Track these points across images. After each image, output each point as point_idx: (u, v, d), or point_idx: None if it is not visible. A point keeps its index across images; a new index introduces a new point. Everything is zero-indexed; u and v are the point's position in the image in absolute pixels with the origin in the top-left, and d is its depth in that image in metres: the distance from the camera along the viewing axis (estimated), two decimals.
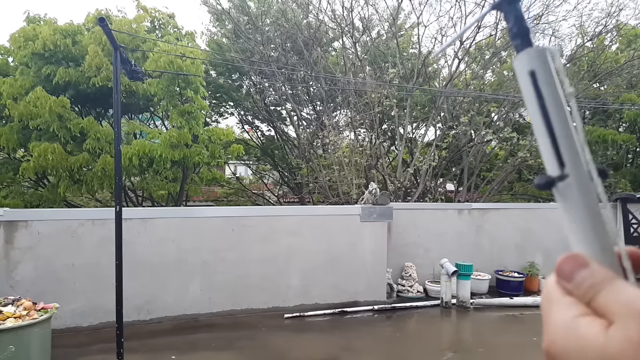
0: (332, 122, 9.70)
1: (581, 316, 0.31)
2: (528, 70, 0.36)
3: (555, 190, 0.35)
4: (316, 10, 10.29)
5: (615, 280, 0.31)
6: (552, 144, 0.34)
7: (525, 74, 0.36)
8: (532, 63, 0.36)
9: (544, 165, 0.35)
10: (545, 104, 0.35)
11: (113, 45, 3.48)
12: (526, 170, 9.78)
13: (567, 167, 0.34)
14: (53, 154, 6.70)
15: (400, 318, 5.87)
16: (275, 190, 14.49)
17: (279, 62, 10.31)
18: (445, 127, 9.38)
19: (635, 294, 0.30)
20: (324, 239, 6.10)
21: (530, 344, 4.86)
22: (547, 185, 0.34)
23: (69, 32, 7.56)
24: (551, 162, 0.34)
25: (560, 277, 0.34)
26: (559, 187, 0.34)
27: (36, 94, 6.67)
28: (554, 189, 0.35)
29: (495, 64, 10.20)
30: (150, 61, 7.22)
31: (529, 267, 7.27)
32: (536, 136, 0.36)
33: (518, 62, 0.37)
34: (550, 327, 0.33)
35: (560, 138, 0.34)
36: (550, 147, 0.34)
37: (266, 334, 5.07)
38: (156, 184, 8.60)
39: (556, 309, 0.33)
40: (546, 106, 0.35)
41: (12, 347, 3.01)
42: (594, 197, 0.34)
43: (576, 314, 0.31)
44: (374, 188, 6.42)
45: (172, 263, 5.40)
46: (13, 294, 3.99)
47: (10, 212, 4.92)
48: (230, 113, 12.94)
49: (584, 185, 0.34)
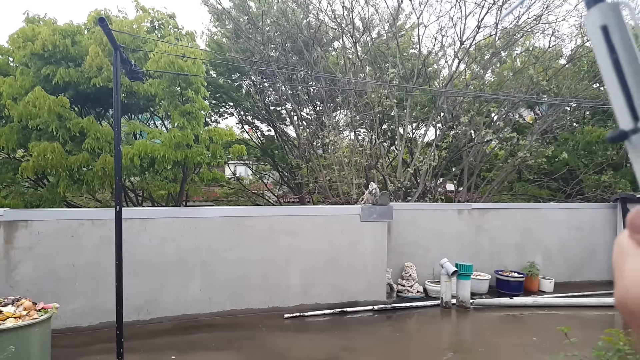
0: (332, 122, 9.69)
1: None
2: (600, 25, 0.35)
3: (627, 143, 0.35)
4: (316, 10, 10.30)
5: None
6: (626, 98, 0.34)
7: (597, 29, 0.36)
8: (604, 18, 0.35)
9: (544, 165, 0.35)
10: (619, 58, 0.34)
11: (113, 46, 3.48)
12: (526, 170, 9.78)
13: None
14: (52, 154, 6.70)
15: (400, 318, 5.87)
16: (275, 190, 14.49)
17: (279, 62, 10.31)
18: (445, 127, 9.38)
19: None
20: (324, 239, 6.10)
21: (530, 344, 4.86)
22: (621, 137, 0.34)
23: (69, 32, 7.55)
24: (624, 116, 0.34)
25: (633, 231, 0.34)
26: (632, 139, 0.34)
27: (35, 94, 6.67)
28: (626, 142, 0.35)
29: (495, 64, 10.20)
30: (151, 61, 7.22)
31: (529, 267, 7.28)
32: (609, 91, 0.35)
33: (590, 17, 0.36)
34: (624, 276, 0.33)
35: (634, 92, 0.34)
36: (623, 101, 0.34)
37: (266, 334, 5.07)
38: (156, 184, 8.60)
39: (630, 260, 0.33)
40: (620, 60, 0.34)
41: (12, 347, 3.01)
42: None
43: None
44: (374, 188, 6.42)
45: (172, 263, 5.41)
46: (13, 294, 3.99)
47: (10, 212, 4.92)
48: (230, 113, 12.94)
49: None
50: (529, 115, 11.88)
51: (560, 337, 2.81)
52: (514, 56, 10.08)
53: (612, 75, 0.35)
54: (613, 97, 0.35)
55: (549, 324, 5.59)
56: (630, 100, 0.34)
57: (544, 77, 8.95)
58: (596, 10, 0.36)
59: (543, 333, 5.14)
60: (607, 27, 0.35)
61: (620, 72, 0.34)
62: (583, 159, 10.25)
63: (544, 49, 9.52)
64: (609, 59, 0.35)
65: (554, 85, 9.22)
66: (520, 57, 10.06)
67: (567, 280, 7.69)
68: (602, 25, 0.35)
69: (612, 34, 0.35)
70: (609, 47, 0.35)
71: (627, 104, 0.34)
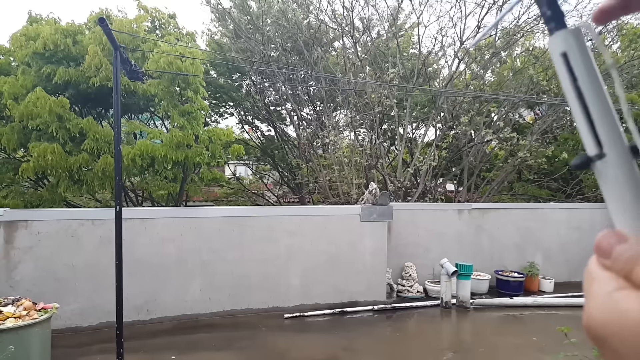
0: (332, 122, 9.69)
1: (619, 290, 0.31)
2: (560, 52, 0.36)
3: (593, 169, 0.35)
4: (317, 10, 10.30)
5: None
6: (589, 125, 0.34)
7: (558, 56, 0.36)
8: (564, 45, 0.36)
9: (544, 165, 0.36)
10: (579, 84, 0.35)
11: (113, 45, 3.48)
12: (526, 170, 9.78)
13: (604, 146, 0.34)
14: (53, 154, 6.70)
15: (400, 318, 5.87)
16: (275, 190, 14.48)
17: (279, 62, 10.31)
18: (445, 127, 9.38)
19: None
20: (324, 239, 6.10)
21: (530, 344, 4.86)
22: (584, 164, 0.34)
23: (70, 31, 7.56)
24: (589, 142, 0.35)
25: (599, 254, 0.34)
26: (596, 165, 0.34)
27: (36, 94, 6.68)
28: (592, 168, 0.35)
29: (495, 64, 10.20)
30: (150, 61, 7.22)
31: (529, 267, 7.28)
32: (574, 117, 0.36)
33: (551, 44, 0.37)
34: (590, 302, 0.33)
35: (596, 118, 0.34)
36: (586, 127, 0.34)
37: (266, 334, 5.07)
38: (156, 184, 8.60)
39: (595, 285, 0.33)
40: (580, 87, 0.35)
41: (12, 347, 3.01)
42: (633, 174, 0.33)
43: (614, 288, 0.31)
44: (374, 188, 6.42)
45: (172, 263, 5.40)
46: (13, 294, 3.99)
47: (10, 212, 4.92)
48: (230, 113, 12.94)
49: (622, 162, 0.33)
50: (529, 115, 11.88)
51: (560, 337, 2.81)
52: (514, 56, 10.07)
53: (575, 102, 0.35)
54: (578, 123, 0.35)
55: (549, 324, 5.59)
56: (593, 126, 0.34)
57: (544, 77, 8.94)
58: (557, 37, 0.36)
59: (543, 333, 5.14)
60: (566, 54, 0.35)
61: (582, 99, 0.35)
62: None
63: (544, 49, 9.52)
64: (571, 85, 0.35)
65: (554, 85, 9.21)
66: (520, 57, 10.06)
67: (567, 280, 7.68)
68: (562, 52, 0.36)
69: (573, 61, 0.35)
70: (569, 73, 0.35)
71: (590, 130, 0.34)
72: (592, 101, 0.34)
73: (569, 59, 0.35)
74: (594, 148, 0.34)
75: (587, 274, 0.35)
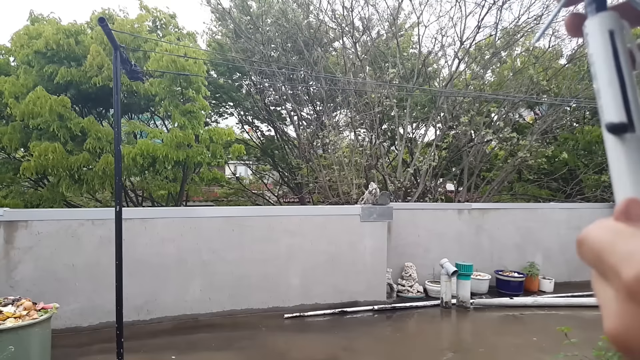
0: (332, 122, 9.69)
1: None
2: (608, 29, 0.38)
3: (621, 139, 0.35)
4: (317, 10, 10.30)
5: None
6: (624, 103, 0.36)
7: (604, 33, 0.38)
8: (612, 24, 0.38)
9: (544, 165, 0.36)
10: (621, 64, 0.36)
11: (113, 46, 3.48)
12: (526, 170, 9.78)
13: (635, 124, 0.35)
14: (54, 154, 6.70)
15: (400, 318, 5.87)
16: (275, 190, 14.48)
17: (279, 62, 10.31)
18: (445, 127, 9.38)
19: None
20: (324, 239, 6.10)
21: (530, 344, 4.86)
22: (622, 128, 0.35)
23: (72, 31, 7.56)
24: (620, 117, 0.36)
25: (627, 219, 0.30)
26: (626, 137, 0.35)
27: (37, 94, 6.68)
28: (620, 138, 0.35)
29: (495, 64, 10.20)
30: (152, 61, 7.22)
31: (529, 267, 7.28)
32: (602, 94, 0.37)
33: (596, 22, 0.38)
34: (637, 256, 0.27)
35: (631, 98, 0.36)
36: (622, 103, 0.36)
37: (266, 334, 5.07)
38: (156, 184, 8.60)
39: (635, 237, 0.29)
40: (621, 66, 0.36)
41: (12, 347, 3.01)
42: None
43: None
44: (374, 188, 6.42)
45: (172, 263, 5.41)
46: (13, 294, 3.99)
47: (10, 212, 4.92)
48: (230, 113, 12.94)
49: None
50: (529, 115, 11.88)
51: (560, 337, 2.81)
52: (514, 56, 10.07)
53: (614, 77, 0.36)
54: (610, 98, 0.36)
55: (549, 324, 5.59)
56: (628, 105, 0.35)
57: (544, 77, 8.95)
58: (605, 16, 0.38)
59: (543, 333, 5.14)
60: (614, 32, 0.37)
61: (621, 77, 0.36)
62: (583, 159, 10.24)
63: (544, 49, 9.52)
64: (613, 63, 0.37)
65: (554, 85, 9.22)
66: (520, 57, 10.06)
67: (567, 280, 7.69)
68: (610, 29, 0.38)
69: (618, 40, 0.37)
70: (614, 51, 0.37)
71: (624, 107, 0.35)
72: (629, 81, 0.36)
73: (615, 37, 0.37)
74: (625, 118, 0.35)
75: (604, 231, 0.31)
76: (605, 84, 0.37)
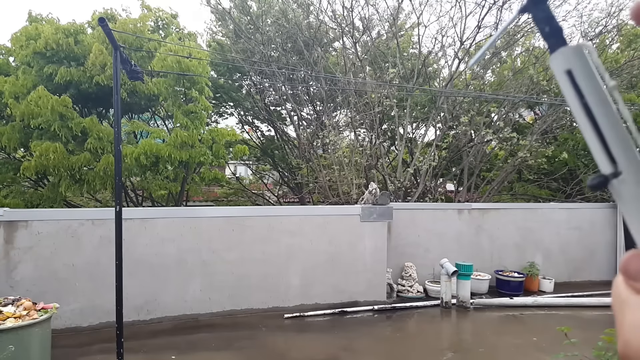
0: (332, 122, 9.69)
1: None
2: (564, 69, 0.35)
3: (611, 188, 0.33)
4: (317, 11, 10.30)
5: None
6: (601, 142, 0.33)
7: (562, 74, 0.35)
8: (568, 62, 0.35)
9: (544, 165, 0.35)
10: (587, 101, 0.34)
11: (113, 45, 3.49)
12: (526, 170, 9.77)
13: (619, 163, 0.32)
14: (55, 154, 6.70)
15: (400, 318, 5.87)
16: (275, 190, 14.48)
17: (279, 62, 10.31)
18: (445, 127, 9.38)
19: None
20: (324, 239, 6.10)
21: (530, 344, 4.86)
22: (601, 184, 0.33)
23: (71, 31, 7.56)
24: (602, 160, 0.33)
25: (628, 277, 0.32)
26: (613, 184, 0.33)
27: (38, 93, 6.68)
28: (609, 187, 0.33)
29: (495, 64, 10.20)
30: (156, 60, 7.22)
31: (528, 267, 7.27)
32: (584, 135, 0.35)
33: (554, 61, 0.36)
34: (624, 328, 0.31)
35: (607, 134, 0.33)
36: (598, 145, 0.33)
37: (266, 334, 5.07)
38: (156, 184, 8.59)
39: (628, 310, 0.31)
40: (588, 104, 0.34)
41: (12, 347, 3.01)
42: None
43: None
44: (374, 188, 6.42)
45: (172, 263, 5.41)
46: (13, 294, 3.99)
47: (10, 212, 4.92)
48: (230, 113, 12.95)
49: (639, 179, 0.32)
50: (529, 115, 11.87)
51: (560, 337, 2.81)
52: (514, 56, 10.07)
53: (584, 119, 0.34)
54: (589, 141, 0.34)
55: (549, 324, 5.59)
56: (605, 143, 0.33)
57: (544, 77, 8.94)
58: (560, 54, 0.35)
59: (543, 333, 5.14)
60: (571, 71, 0.35)
61: (590, 115, 0.34)
62: (583, 159, 10.24)
63: (544, 49, 9.51)
64: (578, 102, 0.34)
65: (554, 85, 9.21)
66: (520, 57, 10.06)
67: (567, 280, 7.69)
68: (566, 69, 0.35)
69: (578, 78, 0.34)
70: (576, 90, 0.34)
71: (602, 148, 0.33)
72: (602, 118, 0.33)
73: (574, 76, 0.34)
74: (609, 166, 0.33)
75: (616, 296, 0.33)
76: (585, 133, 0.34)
